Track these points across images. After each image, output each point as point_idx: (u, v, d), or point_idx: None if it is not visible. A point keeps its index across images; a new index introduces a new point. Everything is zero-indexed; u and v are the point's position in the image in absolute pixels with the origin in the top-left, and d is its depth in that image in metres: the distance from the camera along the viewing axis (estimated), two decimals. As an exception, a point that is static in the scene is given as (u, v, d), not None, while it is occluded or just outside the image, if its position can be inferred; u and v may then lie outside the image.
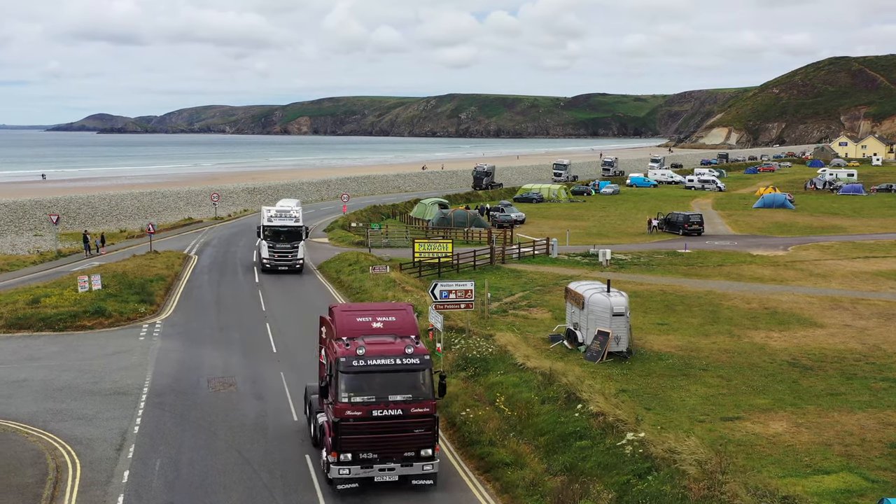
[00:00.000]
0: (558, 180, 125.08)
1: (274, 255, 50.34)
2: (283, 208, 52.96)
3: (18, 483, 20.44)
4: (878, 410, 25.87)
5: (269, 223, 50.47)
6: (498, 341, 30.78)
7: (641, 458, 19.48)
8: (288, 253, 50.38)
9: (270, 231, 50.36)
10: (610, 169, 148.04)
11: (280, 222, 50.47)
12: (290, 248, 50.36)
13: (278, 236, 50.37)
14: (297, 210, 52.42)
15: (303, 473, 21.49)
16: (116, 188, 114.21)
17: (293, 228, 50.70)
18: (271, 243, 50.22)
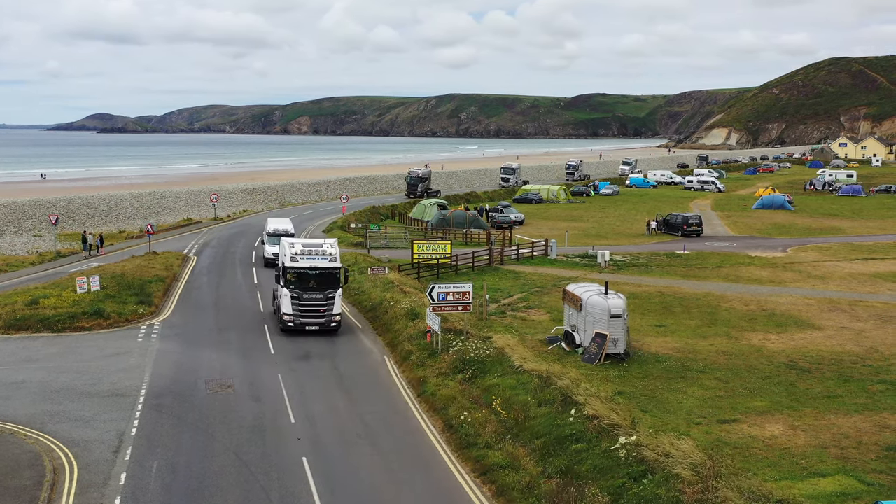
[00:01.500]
0: (506, 186, 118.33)
1: (300, 311, 35.96)
2: (312, 243, 37.85)
3: (16, 485, 20.48)
4: (874, 413, 25.92)
5: (294, 263, 36.16)
6: (496, 343, 30.81)
7: (636, 461, 19.52)
8: (320, 307, 36.09)
9: (295, 275, 36.13)
10: (574, 173, 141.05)
11: (309, 262, 36.35)
12: (324, 301, 36.09)
13: (306, 282, 36.09)
14: (332, 246, 37.67)
15: (300, 476, 21.52)
16: (116, 188, 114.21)
17: (328, 271, 36.38)
18: (296, 292, 35.96)
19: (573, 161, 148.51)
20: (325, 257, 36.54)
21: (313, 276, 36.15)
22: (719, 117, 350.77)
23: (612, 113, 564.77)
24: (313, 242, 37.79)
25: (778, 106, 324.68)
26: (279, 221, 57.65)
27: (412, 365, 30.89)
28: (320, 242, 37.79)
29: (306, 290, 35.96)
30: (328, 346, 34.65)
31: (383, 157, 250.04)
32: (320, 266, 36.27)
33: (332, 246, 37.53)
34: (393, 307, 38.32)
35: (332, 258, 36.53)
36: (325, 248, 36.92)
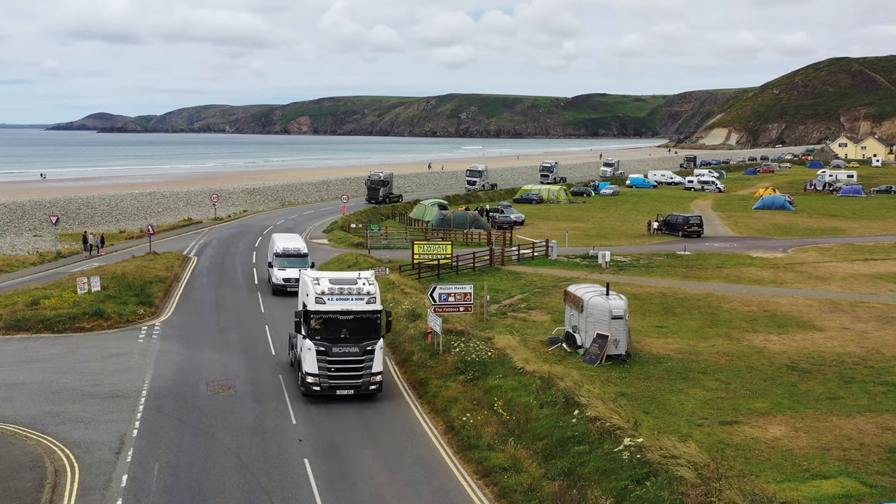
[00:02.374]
0: (472, 189, 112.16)
1: (330, 370, 27.10)
2: (344, 278, 28.98)
3: (17, 487, 20.44)
4: (876, 415, 25.89)
5: (321, 307, 27.27)
6: (497, 344, 30.78)
7: (639, 463, 19.49)
8: (356, 365, 27.24)
9: (322, 322, 27.28)
10: (549, 175, 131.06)
11: (340, 304, 27.37)
12: (361, 357, 27.24)
13: (336, 332, 27.31)
14: (369, 281, 28.61)
15: (302, 478, 21.49)
16: (116, 188, 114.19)
17: (365, 316, 27.54)
18: (324, 345, 27.12)
19: (548, 162, 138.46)
20: (360, 297, 27.47)
21: (346, 323, 27.25)
22: (719, 117, 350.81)
23: (612, 113, 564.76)
24: (345, 277, 28.99)
25: (778, 106, 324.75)
26: (289, 239, 48.91)
27: (413, 366, 30.87)
28: (354, 277, 28.83)
29: (337, 341, 27.15)
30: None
31: (383, 158, 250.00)
32: (355, 309, 27.33)
33: (369, 281, 28.42)
34: (394, 308, 38.23)
35: (370, 298, 27.51)
36: (360, 286, 27.82)
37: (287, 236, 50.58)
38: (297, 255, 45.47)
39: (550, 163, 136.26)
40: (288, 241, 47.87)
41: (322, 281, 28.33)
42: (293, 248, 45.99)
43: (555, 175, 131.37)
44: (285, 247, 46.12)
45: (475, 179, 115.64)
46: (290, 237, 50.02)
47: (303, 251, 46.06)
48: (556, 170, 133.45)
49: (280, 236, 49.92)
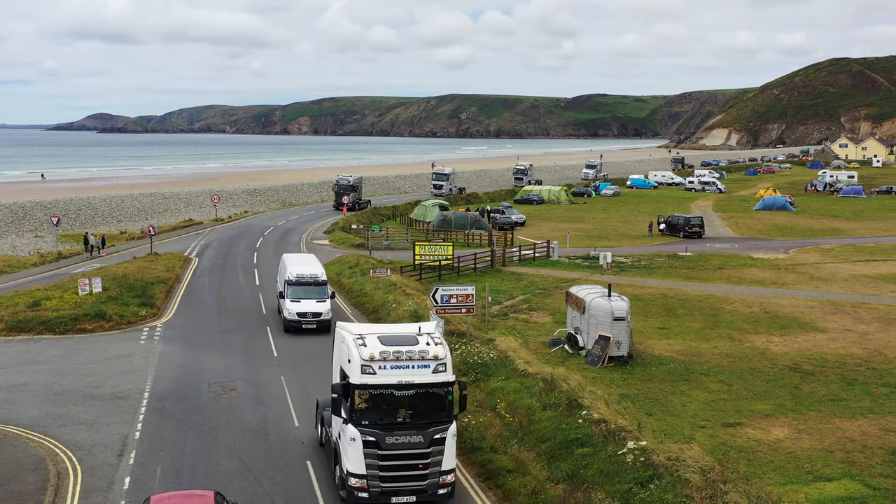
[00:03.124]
0: (438, 194, 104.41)
1: (383, 468, 19.60)
2: (399, 335, 21.08)
3: (20, 489, 20.41)
4: (879, 416, 25.86)
5: (369, 378, 19.58)
6: (499, 346, 30.75)
7: (643, 466, 19.46)
8: (422, 459, 19.72)
9: (371, 399, 19.69)
10: (523, 178, 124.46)
11: (398, 375, 19.64)
12: (427, 451, 19.72)
13: (391, 413, 19.78)
14: (435, 337, 21.04)
15: (304, 480, 21.46)
16: (117, 189, 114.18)
17: (433, 390, 19.89)
18: (373, 432, 19.54)
19: (522, 165, 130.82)
20: (425, 363, 19.71)
21: (406, 400, 19.72)
22: (719, 118, 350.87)
23: (612, 113, 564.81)
24: (400, 334, 21.24)
25: (778, 107, 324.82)
26: (303, 262, 41.06)
27: (415, 367, 30.77)
28: (412, 334, 21.12)
29: (392, 427, 19.51)
30: (330, 349, 34.54)
31: (384, 158, 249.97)
32: (419, 381, 19.60)
33: (435, 338, 20.88)
34: (395, 309, 38.26)
35: (438, 364, 19.77)
36: (424, 346, 20.03)
37: (301, 259, 42.95)
38: (314, 284, 37.80)
39: (524, 165, 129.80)
40: (302, 264, 40.00)
41: (369, 341, 20.19)
42: (309, 275, 38.11)
43: (529, 178, 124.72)
44: (299, 273, 38.10)
45: (441, 183, 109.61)
46: (304, 260, 42.23)
47: (320, 278, 38.30)
48: (531, 172, 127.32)
49: (292, 259, 42.01)
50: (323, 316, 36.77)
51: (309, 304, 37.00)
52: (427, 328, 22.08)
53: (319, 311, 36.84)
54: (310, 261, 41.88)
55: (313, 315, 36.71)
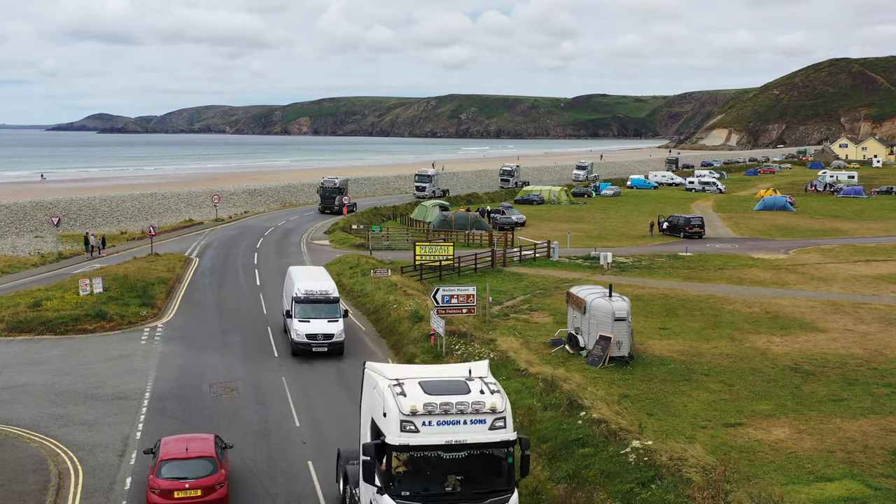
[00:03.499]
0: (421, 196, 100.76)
1: None
2: (447, 381, 16.92)
3: (21, 489, 20.43)
4: (880, 417, 25.86)
5: (411, 438, 15.65)
6: (500, 346, 30.77)
7: (645, 466, 19.47)
8: None
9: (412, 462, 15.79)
10: (510, 179, 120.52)
11: (447, 433, 15.73)
12: None
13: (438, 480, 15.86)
14: (489, 383, 16.98)
15: (306, 480, 21.48)
16: (117, 189, 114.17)
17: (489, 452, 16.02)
18: None
19: (508, 166, 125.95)
20: (479, 418, 16.00)
21: (456, 464, 15.94)
22: (719, 118, 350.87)
23: (612, 114, 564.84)
24: (447, 380, 17.12)
25: (778, 107, 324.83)
26: (311, 276, 37.21)
27: (416, 368, 30.81)
28: (461, 379, 17.12)
29: (439, 499, 15.85)
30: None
31: (384, 158, 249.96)
32: (472, 441, 15.91)
33: (490, 383, 17.03)
34: (396, 309, 38.28)
35: (495, 418, 16.05)
36: (476, 396, 16.31)
37: (309, 272, 39.03)
38: (325, 301, 34.03)
39: (511, 166, 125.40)
40: (311, 279, 36.00)
41: (409, 388, 16.26)
42: (319, 291, 34.33)
43: (516, 179, 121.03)
44: (308, 289, 34.20)
45: (424, 185, 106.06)
46: (312, 274, 38.37)
47: (332, 295, 34.45)
48: (518, 173, 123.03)
49: (300, 272, 37.94)
50: (335, 338, 32.86)
51: (319, 325, 32.97)
52: (478, 370, 17.75)
53: (331, 332, 32.84)
54: (319, 275, 38.04)
55: (324, 337, 32.75)
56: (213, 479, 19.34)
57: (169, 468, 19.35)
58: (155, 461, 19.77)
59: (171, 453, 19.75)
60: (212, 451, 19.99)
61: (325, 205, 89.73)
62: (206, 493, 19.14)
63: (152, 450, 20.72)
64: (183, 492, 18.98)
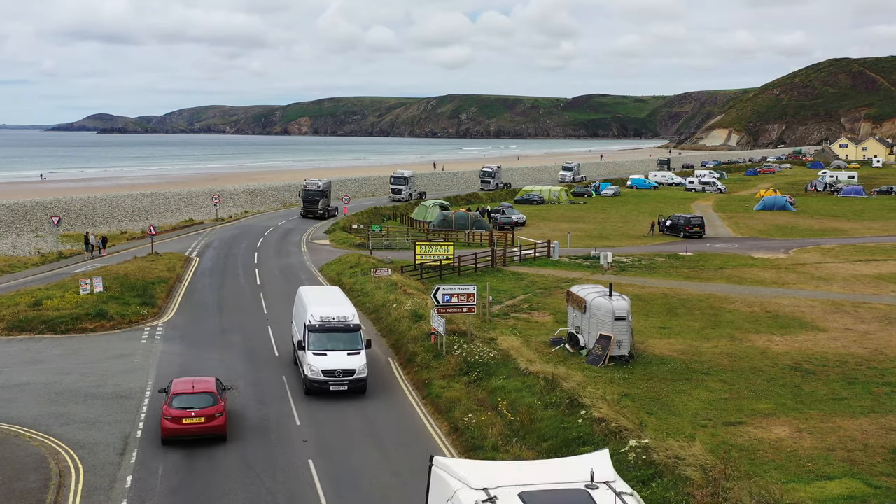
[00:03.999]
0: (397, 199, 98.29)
1: None
2: (559, 489, 11.92)
3: (21, 488, 20.45)
4: (880, 415, 25.89)
5: None
6: (500, 345, 30.78)
7: (645, 464, 19.49)
8: None
9: None
10: (490, 181, 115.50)
11: None
12: None
13: None
14: (613, 477, 12.52)
15: (306, 479, 21.49)
16: (117, 189, 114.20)
17: None
18: None
19: (489, 167, 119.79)
20: None
21: None
22: (719, 118, 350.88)
23: (612, 114, 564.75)
24: (562, 494, 11.91)
25: (778, 107, 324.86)
26: (327, 298, 32.40)
27: (417, 367, 30.86)
28: (579, 488, 12.04)
29: None
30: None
31: (384, 158, 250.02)
32: None
33: (622, 494, 11.99)
34: (396, 309, 38.30)
35: None
36: None
37: (323, 294, 33.85)
38: (344, 329, 29.18)
39: (492, 167, 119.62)
40: (326, 303, 30.97)
41: None
42: (336, 318, 29.38)
43: (497, 181, 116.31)
44: (324, 315, 29.31)
45: (400, 187, 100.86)
46: (327, 296, 33.11)
47: (352, 322, 29.50)
48: (499, 174, 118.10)
49: (312, 294, 32.81)
50: (357, 374, 28.10)
51: (338, 359, 28.21)
52: (600, 468, 12.41)
53: (352, 366, 28.06)
54: (335, 297, 33.15)
55: (344, 373, 27.97)
56: (213, 409, 23.65)
57: (179, 400, 23.68)
58: (168, 396, 24.04)
59: (180, 390, 24.13)
60: (213, 389, 24.41)
61: (307, 208, 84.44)
62: (208, 420, 23.48)
63: (165, 389, 24.89)
64: (189, 418, 23.35)
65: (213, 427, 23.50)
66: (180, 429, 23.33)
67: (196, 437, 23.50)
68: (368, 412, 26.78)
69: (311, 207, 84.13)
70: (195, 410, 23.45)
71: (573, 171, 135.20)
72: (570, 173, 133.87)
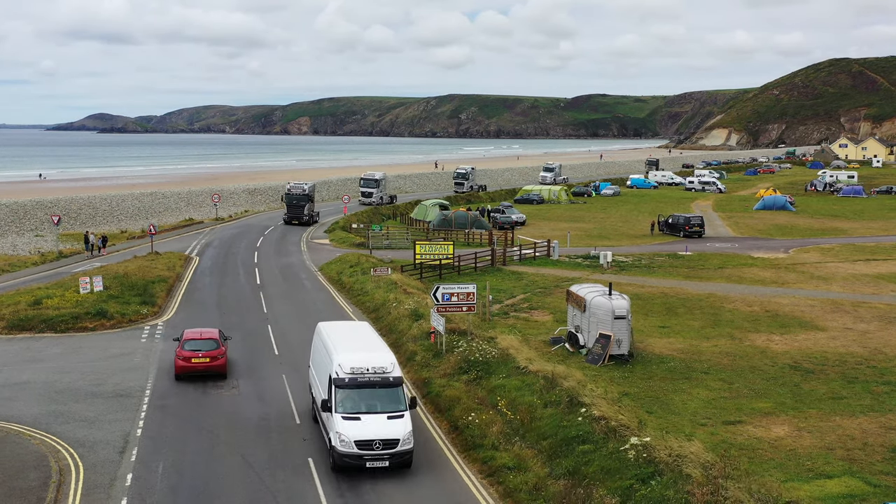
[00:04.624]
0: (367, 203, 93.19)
1: None
2: None
3: (22, 486, 20.47)
4: (879, 414, 25.91)
5: None
6: (500, 344, 30.80)
7: (645, 462, 19.51)
8: None
9: None
10: (464, 183, 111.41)
11: None
12: None
13: None
14: None
15: (307, 477, 21.51)
16: (117, 189, 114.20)
17: None
18: None
19: (462, 168, 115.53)
20: None
21: None
22: (719, 118, 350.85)
23: (612, 114, 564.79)
24: None
25: (778, 107, 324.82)
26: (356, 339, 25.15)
27: (417, 366, 30.89)
28: None
29: None
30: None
31: (384, 158, 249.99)
32: None
33: None
34: (396, 308, 38.32)
35: None
36: None
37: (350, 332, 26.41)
38: (383, 384, 22.55)
39: (465, 169, 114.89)
40: (355, 347, 24.12)
41: None
42: (371, 368, 22.60)
43: (471, 182, 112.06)
44: (355, 364, 22.59)
45: (371, 190, 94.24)
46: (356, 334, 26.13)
47: (391, 373, 22.75)
48: (473, 176, 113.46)
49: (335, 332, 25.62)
50: (401, 444, 21.44)
51: (376, 424, 21.58)
52: None
53: (394, 435, 21.44)
54: (366, 337, 25.59)
55: (384, 444, 21.30)
56: (216, 352, 29.66)
57: (189, 345, 29.72)
58: (180, 341, 30.15)
59: (191, 336, 30.26)
60: (216, 336, 30.41)
61: (291, 214, 76.31)
62: (212, 360, 29.41)
63: (178, 338, 30.88)
64: (197, 358, 29.32)
65: (216, 366, 29.47)
66: (190, 366, 29.27)
67: (202, 373, 29.29)
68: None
69: (296, 213, 76.59)
70: (202, 352, 29.35)
71: (554, 171, 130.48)
72: (551, 174, 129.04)
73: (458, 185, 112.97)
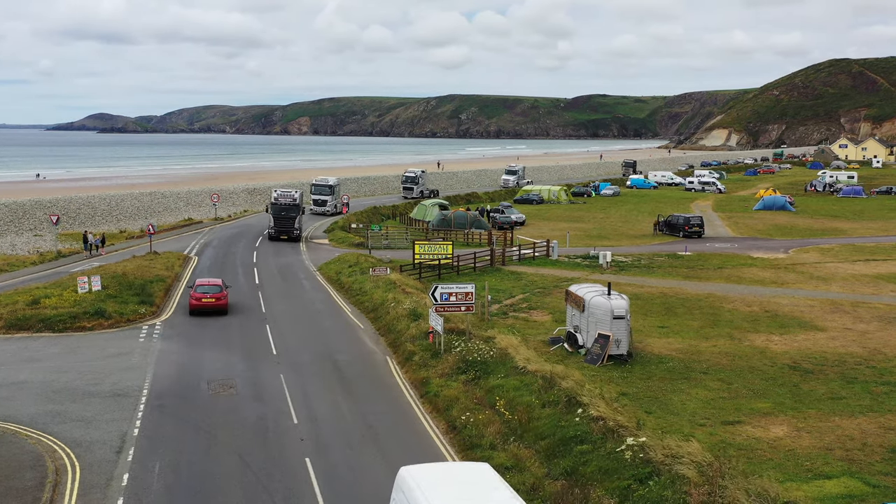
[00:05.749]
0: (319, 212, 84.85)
1: None
2: None
3: (18, 486, 20.40)
4: (879, 415, 25.84)
5: None
6: (498, 344, 30.73)
7: (642, 462, 19.44)
8: None
9: None
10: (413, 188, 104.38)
11: None
12: None
13: None
14: None
15: (303, 477, 21.45)
16: (116, 188, 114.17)
17: None
18: None
19: (411, 172, 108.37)
20: None
21: None
22: (719, 118, 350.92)
23: (612, 114, 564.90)
24: None
25: (778, 107, 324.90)
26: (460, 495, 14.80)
27: (415, 366, 30.82)
28: None
29: None
30: (332, 347, 34.57)
31: (384, 158, 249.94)
32: None
33: None
34: (395, 308, 38.26)
35: None
36: None
37: (457, 492, 14.85)
38: None
39: (415, 172, 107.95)
40: None
41: None
42: None
43: (422, 187, 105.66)
44: None
45: (325, 198, 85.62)
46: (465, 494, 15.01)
47: None
48: (423, 179, 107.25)
49: (434, 493, 14.54)
50: None
51: None
52: None
53: None
54: None
55: None
56: (220, 294, 39.91)
57: (200, 289, 39.97)
58: (193, 286, 40.60)
59: (201, 283, 40.74)
60: (220, 283, 41.00)
61: (279, 228, 65.45)
62: (217, 300, 39.54)
63: (191, 285, 41.57)
64: (206, 298, 39.34)
65: (220, 304, 39.56)
66: (201, 305, 39.23)
67: (210, 310, 39.36)
68: (366, 410, 26.73)
69: (284, 227, 65.60)
70: (210, 294, 39.51)
71: (517, 174, 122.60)
72: (513, 177, 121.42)
73: (406, 189, 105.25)
